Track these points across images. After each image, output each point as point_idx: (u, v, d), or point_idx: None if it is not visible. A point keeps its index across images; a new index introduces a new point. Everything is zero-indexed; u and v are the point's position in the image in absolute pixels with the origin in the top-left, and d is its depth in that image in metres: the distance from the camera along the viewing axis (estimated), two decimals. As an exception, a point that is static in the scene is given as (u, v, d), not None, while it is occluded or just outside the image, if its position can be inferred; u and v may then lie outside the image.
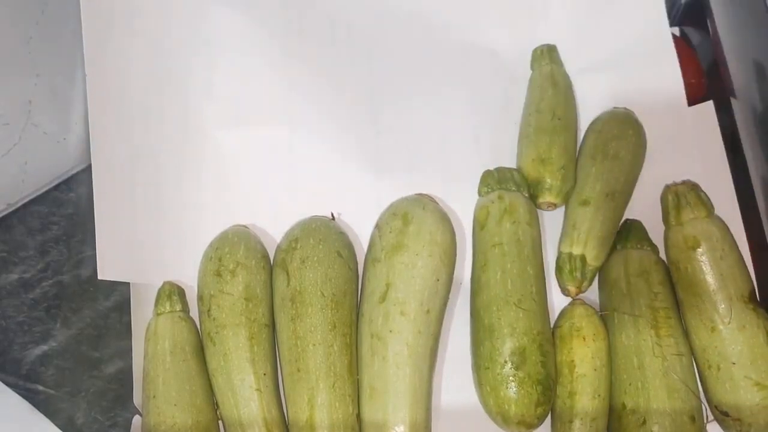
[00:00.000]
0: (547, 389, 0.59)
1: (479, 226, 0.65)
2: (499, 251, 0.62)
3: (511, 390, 0.59)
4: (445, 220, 0.64)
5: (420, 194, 0.67)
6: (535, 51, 0.72)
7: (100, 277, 0.66)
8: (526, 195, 0.66)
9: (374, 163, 0.69)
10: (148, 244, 0.68)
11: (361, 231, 0.68)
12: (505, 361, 0.59)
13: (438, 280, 0.62)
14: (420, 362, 0.60)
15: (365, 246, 0.67)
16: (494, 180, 0.66)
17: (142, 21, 0.71)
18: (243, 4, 0.73)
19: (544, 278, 0.64)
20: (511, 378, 0.59)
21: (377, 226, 0.65)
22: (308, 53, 0.71)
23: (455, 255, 0.65)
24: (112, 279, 0.67)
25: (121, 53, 0.71)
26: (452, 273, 0.64)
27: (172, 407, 0.61)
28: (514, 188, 0.65)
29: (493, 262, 0.62)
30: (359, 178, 0.69)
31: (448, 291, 0.64)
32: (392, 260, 0.62)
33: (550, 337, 0.62)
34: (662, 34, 0.71)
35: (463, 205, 0.68)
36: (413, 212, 0.64)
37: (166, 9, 0.72)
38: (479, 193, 0.67)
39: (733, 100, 0.68)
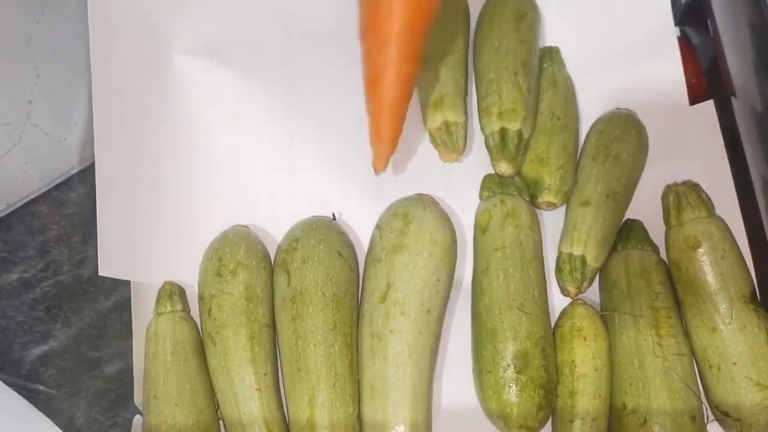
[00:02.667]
0: (549, 393, 0.60)
1: (481, 230, 0.65)
2: (502, 255, 0.63)
3: (514, 394, 0.59)
4: (445, 220, 0.64)
5: (421, 194, 0.67)
6: (536, 52, 0.72)
7: (100, 273, 0.66)
8: (527, 199, 0.66)
9: (375, 163, 0.69)
10: (148, 244, 0.68)
11: (362, 231, 0.68)
12: (508, 365, 0.59)
13: (438, 280, 0.62)
14: (421, 362, 0.60)
15: (366, 246, 0.67)
16: (495, 184, 0.66)
17: (147, 23, 0.71)
18: (243, 9, 0.73)
19: (545, 282, 0.64)
20: (513, 382, 0.59)
21: (378, 226, 0.65)
22: (309, 55, 0.71)
23: (456, 255, 0.65)
24: (112, 276, 0.66)
25: (126, 54, 0.70)
26: (453, 273, 0.64)
27: (172, 407, 0.61)
28: (515, 192, 0.65)
29: (495, 266, 0.62)
30: (360, 178, 0.69)
31: (449, 291, 0.64)
32: (393, 260, 0.62)
33: (551, 341, 0.62)
34: (666, 33, 0.71)
35: (463, 204, 0.68)
36: (414, 212, 0.64)
37: (169, 12, 0.72)
38: (480, 197, 0.67)
39: (733, 100, 0.68)
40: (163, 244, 0.68)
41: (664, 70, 0.70)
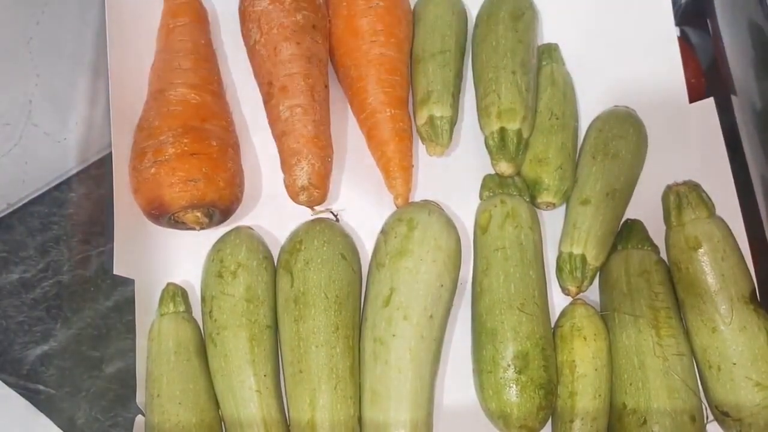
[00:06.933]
0: (549, 393, 0.60)
1: (481, 230, 0.65)
2: (502, 255, 0.63)
3: (514, 394, 0.59)
4: (450, 226, 0.64)
5: (426, 200, 0.67)
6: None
7: (115, 272, 0.66)
8: (527, 199, 0.66)
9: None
10: (153, 245, 0.68)
11: (365, 233, 0.68)
12: (508, 365, 0.59)
13: (442, 285, 0.62)
14: (422, 367, 0.60)
15: (369, 248, 0.67)
16: (496, 184, 0.66)
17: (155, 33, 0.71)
18: None
19: (545, 282, 0.64)
20: (513, 382, 0.59)
21: (382, 231, 0.65)
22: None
23: (460, 261, 0.65)
24: (125, 275, 0.67)
25: (140, 57, 0.70)
26: (456, 279, 0.64)
27: (176, 405, 0.61)
28: (515, 193, 0.66)
29: (495, 266, 0.63)
30: (363, 180, 0.69)
31: (452, 297, 0.64)
32: (396, 265, 0.62)
33: (551, 342, 0.62)
34: (666, 32, 0.71)
35: (463, 205, 0.68)
36: (418, 218, 0.63)
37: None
38: (480, 197, 0.67)
39: (733, 98, 0.68)
40: (168, 245, 0.68)
41: (664, 68, 0.71)
